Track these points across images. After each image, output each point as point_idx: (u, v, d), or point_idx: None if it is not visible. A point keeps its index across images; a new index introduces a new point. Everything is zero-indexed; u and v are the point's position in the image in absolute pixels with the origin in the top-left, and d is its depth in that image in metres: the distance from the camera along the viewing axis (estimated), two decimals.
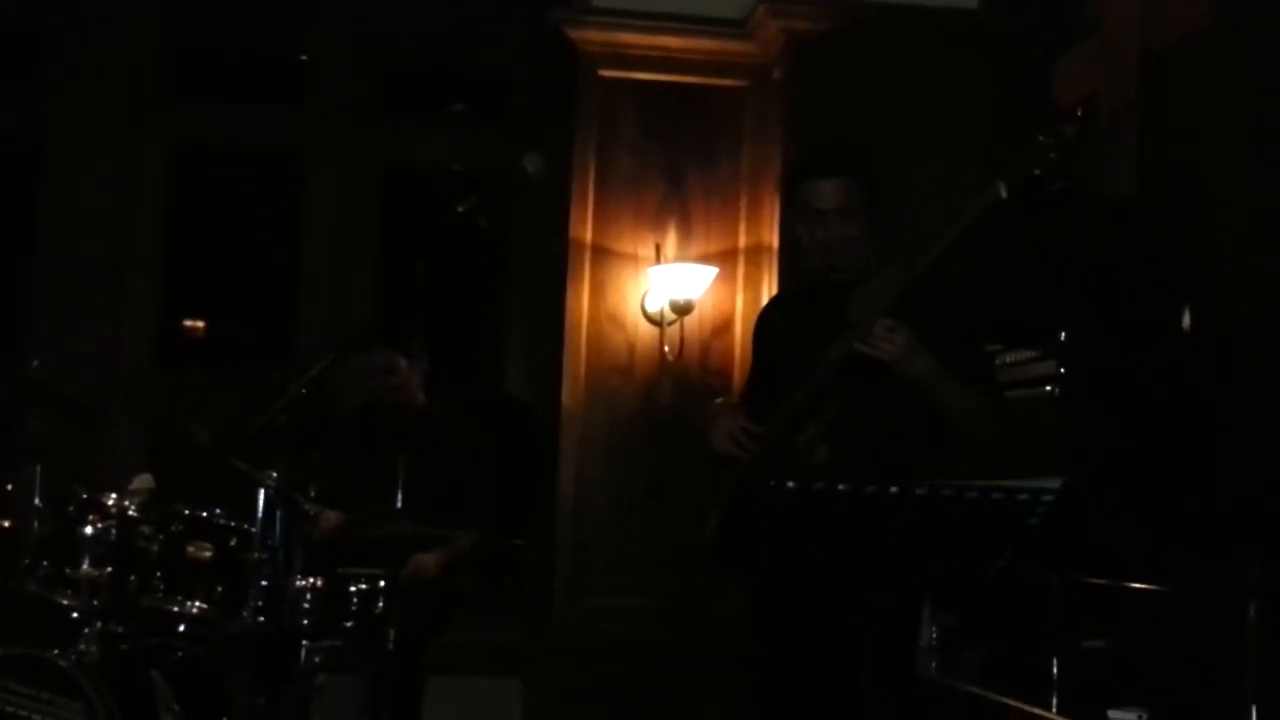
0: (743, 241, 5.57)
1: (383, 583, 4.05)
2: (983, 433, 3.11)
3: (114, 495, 4.03)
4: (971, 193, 2.98)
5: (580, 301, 5.51)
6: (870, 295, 3.09)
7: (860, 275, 3.19)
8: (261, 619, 3.86)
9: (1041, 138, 2.84)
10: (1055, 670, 3.16)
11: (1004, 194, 2.87)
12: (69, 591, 3.96)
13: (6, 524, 4.12)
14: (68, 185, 5.91)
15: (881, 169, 3.37)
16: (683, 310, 5.42)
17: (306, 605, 4.00)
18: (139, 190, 6.04)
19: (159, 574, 3.98)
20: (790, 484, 2.44)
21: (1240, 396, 3.30)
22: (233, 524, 4.03)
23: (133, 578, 3.96)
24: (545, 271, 5.86)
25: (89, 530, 3.95)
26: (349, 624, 4.05)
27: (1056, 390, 3.43)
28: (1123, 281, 3.92)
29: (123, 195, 5.97)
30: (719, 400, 3.56)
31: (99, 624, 3.94)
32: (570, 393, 5.50)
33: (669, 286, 5.42)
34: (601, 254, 5.52)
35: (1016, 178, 2.87)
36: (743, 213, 5.57)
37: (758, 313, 3.76)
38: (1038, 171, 2.85)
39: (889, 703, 2.65)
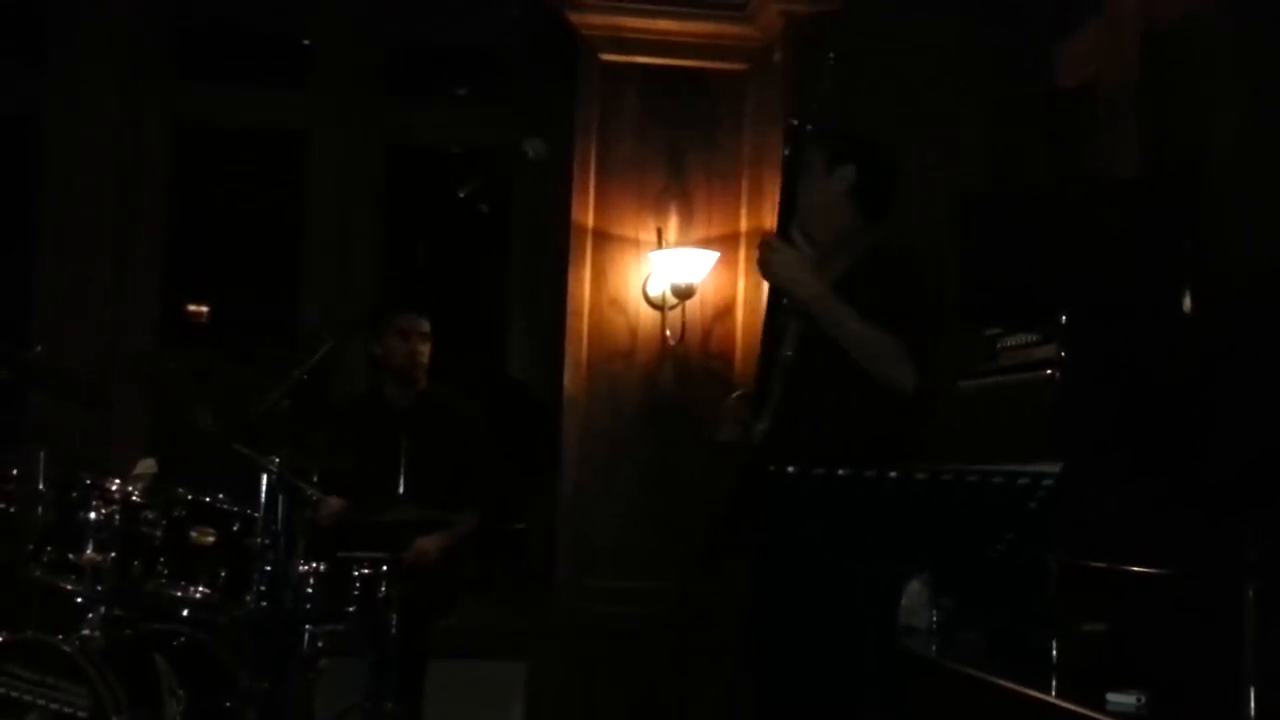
0: (744, 225, 5.56)
1: (385, 567, 4.07)
2: (891, 373, 3.08)
3: (117, 480, 4.04)
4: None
5: (582, 286, 5.51)
6: None
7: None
8: (264, 603, 3.88)
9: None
10: (1055, 653, 3.17)
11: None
12: (73, 577, 3.97)
13: (11, 509, 4.12)
14: (69, 166, 5.89)
15: (870, 150, 3.38)
16: (684, 294, 5.42)
17: (309, 590, 4.02)
18: (141, 171, 6.02)
19: (162, 559, 3.99)
20: (790, 469, 2.44)
21: (1240, 379, 3.30)
22: (235, 509, 4.04)
23: (136, 563, 3.97)
24: (547, 255, 5.86)
25: (92, 515, 3.96)
26: (351, 608, 4.07)
27: (1057, 374, 3.42)
28: (1124, 264, 3.91)
29: (125, 176, 5.95)
30: (736, 394, 3.57)
31: (103, 609, 3.96)
32: (572, 377, 5.50)
33: (670, 271, 5.41)
34: (603, 238, 5.52)
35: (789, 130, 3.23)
36: (744, 196, 5.57)
37: (764, 296, 3.77)
38: (795, 122, 3.22)
39: (888, 685, 2.65)
